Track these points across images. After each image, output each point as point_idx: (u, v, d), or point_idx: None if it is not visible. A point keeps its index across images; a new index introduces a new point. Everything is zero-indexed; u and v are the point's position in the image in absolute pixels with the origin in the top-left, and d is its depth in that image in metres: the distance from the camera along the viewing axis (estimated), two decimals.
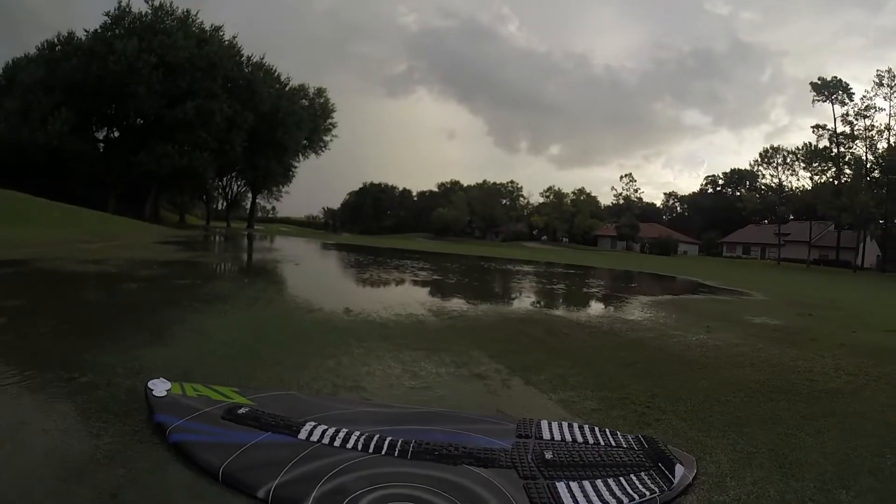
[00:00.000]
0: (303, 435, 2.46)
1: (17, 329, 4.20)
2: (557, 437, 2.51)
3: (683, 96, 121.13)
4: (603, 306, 8.62)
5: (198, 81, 29.14)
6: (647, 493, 2.04)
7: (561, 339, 5.13)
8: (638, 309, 7.97)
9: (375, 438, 2.42)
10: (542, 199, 62.90)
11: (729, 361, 4.48)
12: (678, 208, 75.86)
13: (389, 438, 2.41)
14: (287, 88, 37.98)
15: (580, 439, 2.49)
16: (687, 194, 74.16)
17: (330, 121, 43.55)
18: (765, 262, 42.32)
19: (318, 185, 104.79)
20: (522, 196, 66.01)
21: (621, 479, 2.13)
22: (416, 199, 71.37)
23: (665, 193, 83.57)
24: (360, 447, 2.34)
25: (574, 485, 2.07)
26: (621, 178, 62.91)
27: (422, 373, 3.73)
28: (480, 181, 65.29)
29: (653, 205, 71.09)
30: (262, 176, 39.14)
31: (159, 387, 2.96)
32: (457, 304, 7.31)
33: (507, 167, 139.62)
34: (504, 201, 65.25)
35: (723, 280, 16.55)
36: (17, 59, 29.99)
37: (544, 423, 2.66)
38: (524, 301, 8.78)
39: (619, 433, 2.60)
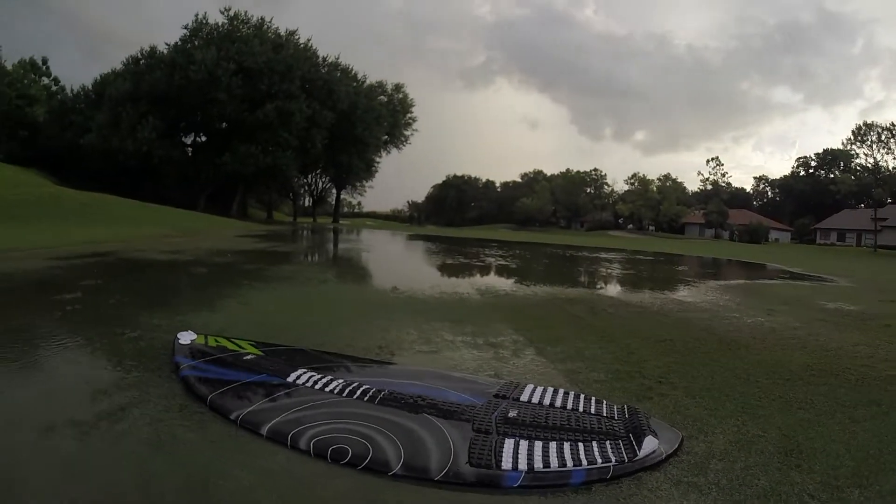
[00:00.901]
0: (291, 378, 2.76)
1: (87, 301, 5.00)
2: (535, 400, 2.53)
3: (771, 73, 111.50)
4: (666, 289, 8.28)
5: (276, 84, 31.23)
6: (602, 460, 1.99)
7: (599, 317, 5.07)
8: (703, 292, 7.58)
9: (353, 385, 2.64)
10: (626, 187, 60.95)
11: (777, 344, 4.19)
12: (769, 193, 70.28)
13: (366, 387, 2.62)
14: (364, 86, 39.49)
15: (558, 404, 2.50)
16: (778, 178, 68.39)
17: (409, 115, 44.76)
18: (860, 250, 38.34)
19: (402, 179, 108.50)
20: (607, 184, 64.46)
21: (580, 444, 2.09)
22: (499, 189, 72.14)
23: (755, 178, 77.44)
24: (335, 391, 2.59)
25: (524, 442, 2.08)
26: (708, 161, 58.98)
27: (436, 339, 3.92)
28: (564, 170, 65.16)
29: (742, 190, 66.92)
30: (344, 172, 41.13)
31: (186, 337, 3.45)
32: (509, 285, 7.40)
33: (591, 155, 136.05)
34: (588, 190, 64.23)
35: (809, 267, 15.01)
36: (105, 75, 33.74)
37: (529, 387, 2.71)
38: (582, 284, 8.67)
39: (604, 402, 2.56)
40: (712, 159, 60.96)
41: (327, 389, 2.62)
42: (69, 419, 2.27)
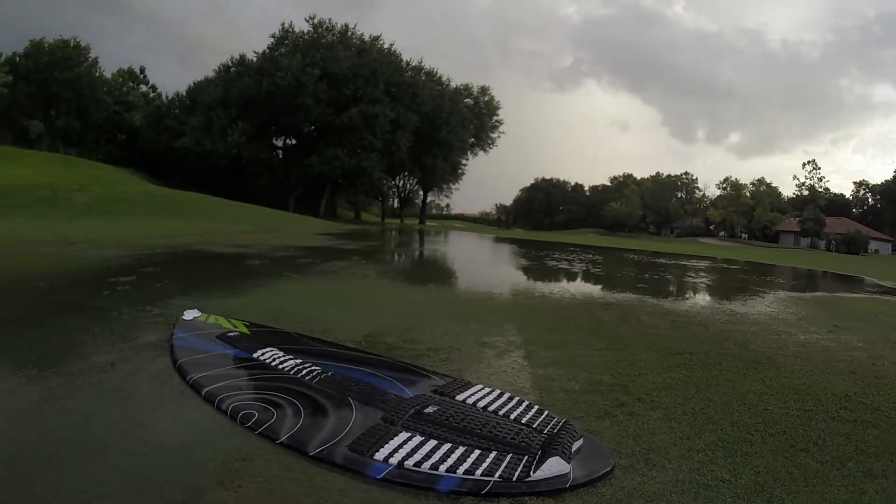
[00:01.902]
0: (256, 354, 3.03)
1: (138, 284, 5.78)
2: (470, 401, 2.49)
3: (872, 68, 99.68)
4: (725, 299, 7.70)
5: (361, 88, 33.30)
6: (486, 473, 1.87)
7: (625, 324, 4.87)
8: (766, 304, 6.94)
9: (305, 366, 2.86)
10: (718, 192, 58.17)
11: (821, 366, 3.76)
12: (869, 200, 62.56)
13: (315, 369, 2.83)
14: (448, 89, 40.71)
15: (491, 408, 2.43)
16: (879, 183, 60.52)
17: (496, 118, 45.58)
18: None
19: (490, 181, 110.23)
20: (698, 188, 62.67)
21: (476, 450, 2.01)
22: (588, 193, 71.96)
23: (855, 183, 69.10)
24: (285, 369, 2.82)
25: (418, 438, 2.07)
26: (804, 165, 53.96)
27: (425, 333, 4.02)
28: (654, 174, 64.19)
29: (841, 196, 60.24)
30: (429, 174, 42.53)
31: (189, 314, 3.91)
32: (549, 288, 7.31)
33: (683, 158, 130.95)
34: (679, 194, 62.58)
35: None
36: (198, 82, 37.26)
37: (474, 388, 2.68)
38: (636, 290, 8.28)
39: (544, 413, 2.42)
40: (809, 162, 56.44)
41: (281, 367, 2.84)
42: (68, 367, 2.83)
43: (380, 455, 1.93)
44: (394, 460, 1.90)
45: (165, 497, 1.67)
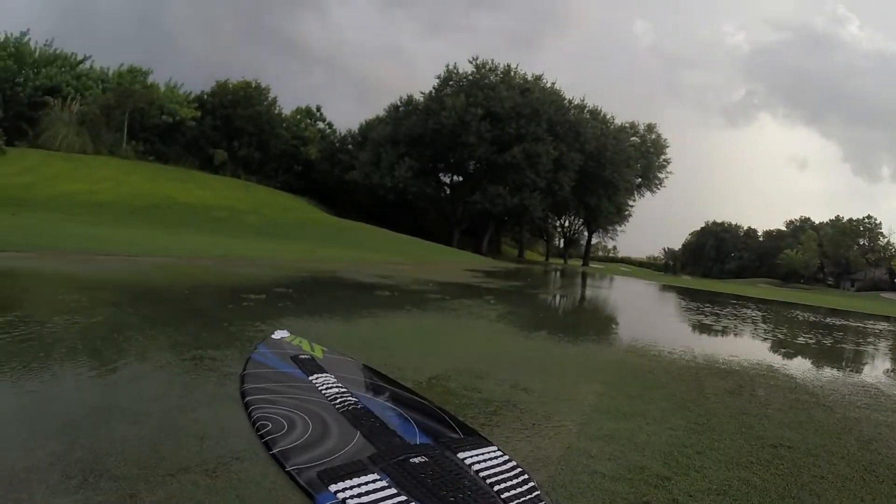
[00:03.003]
0: (311, 378, 3.45)
1: (263, 302, 6.84)
2: (469, 461, 2.45)
3: None
4: (877, 376, 6.46)
5: (523, 127, 34.77)
6: None
7: (727, 399, 4.33)
8: None
9: (343, 395, 3.17)
10: None
11: None
12: None
13: (350, 399, 3.10)
14: (612, 127, 40.60)
15: (484, 474, 2.36)
16: None
17: (664, 157, 44.49)
18: None
19: (658, 224, 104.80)
20: (882, 234, 55.89)
21: None
22: (761, 238, 69.90)
23: None
24: (325, 394, 3.17)
25: (383, 482, 2.17)
26: None
27: (492, 383, 4.08)
28: (833, 217, 59.90)
29: None
30: (594, 215, 42.45)
31: (279, 334, 4.56)
32: (674, 346, 6.75)
33: (866, 199, 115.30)
34: (861, 241, 55.24)
35: None
36: (369, 120, 43.27)
37: (486, 449, 2.61)
38: (768, 355, 7.35)
39: (533, 493, 2.27)
40: None
41: (323, 391, 3.21)
42: (158, 359, 3.61)
43: (335, 487, 2.07)
44: (343, 495, 2.02)
45: (159, 466, 2.16)
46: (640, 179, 44.56)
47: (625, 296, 17.79)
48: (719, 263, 65.99)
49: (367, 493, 2.07)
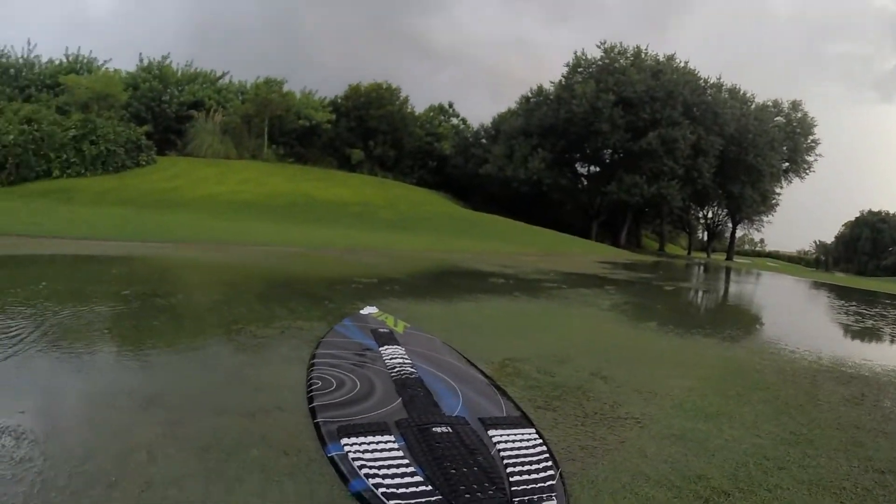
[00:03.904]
0: (382, 348, 3.61)
1: (371, 286, 7.30)
2: (497, 439, 2.39)
3: None
4: None
5: (658, 111, 32.60)
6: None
7: (841, 409, 3.55)
8: None
9: (405, 365, 3.27)
10: None
11: None
12: None
13: (408, 369, 3.19)
14: (752, 107, 36.85)
15: (505, 454, 2.29)
16: None
17: (812, 138, 39.41)
18: None
19: (808, 214, 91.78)
20: None
21: (426, 486, 1.98)
22: None
23: None
24: (387, 363, 3.30)
25: (396, 444, 2.22)
26: None
27: (571, 368, 3.90)
28: None
29: None
30: (737, 204, 39.04)
31: (368, 310, 4.85)
32: (801, 345, 5.91)
33: None
34: None
35: None
36: (501, 114, 43.01)
37: (524, 430, 2.53)
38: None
39: (548, 481, 2.12)
40: None
41: (386, 361, 3.33)
42: (253, 329, 4.05)
43: (347, 441, 2.16)
44: (350, 449, 2.10)
45: (210, 405, 2.51)
46: (786, 164, 39.44)
47: (759, 291, 15.74)
48: (875, 259, 55.96)
49: (374, 450, 2.14)
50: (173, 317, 4.44)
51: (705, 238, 49.66)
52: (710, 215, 45.23)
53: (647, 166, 33.02)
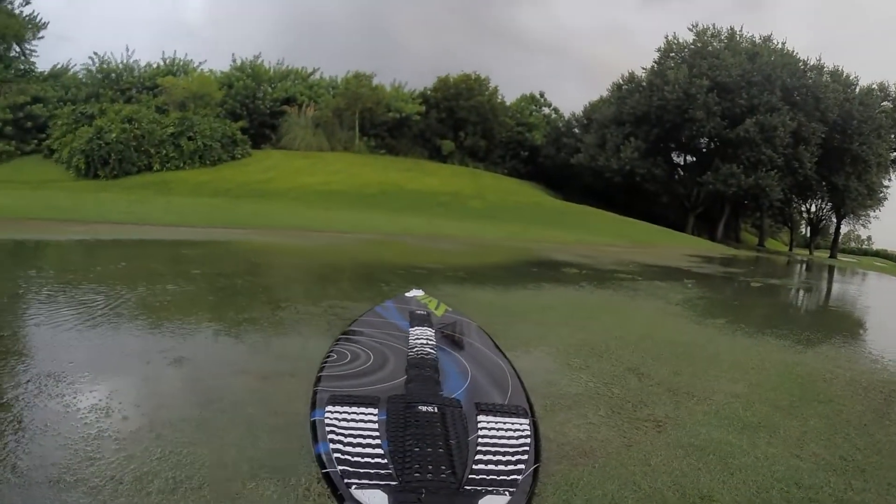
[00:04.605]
0: (411, 329, 3.65)
1: (434, 271, 7.48)
2: (483, 424, 2.31)
3: None
4: None
5: (755, 96, 30.00)
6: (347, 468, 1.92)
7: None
8: None
9: (427, 346, 3.22)
10: None
11: None
12: None
13: (430, 350, 3.15)
14: (857, 91, 32.79)
15: (484, 440, 2.20)
16: None
17: None
18: None
19: None
20: None
21: (384, 459, 2.02)
22: None
23: None
24: (411, 343, 3.29)
25: (376, 417, 2.24)
26: None
27: (607, 365, 3.78)
28: None
29: None
30: (840, 197, 35.42)
31: (413, 292, 4.89)
32: (883, 353, 5.38)
33: None
34: None
35: None
36: (593, 102, 41.43)
37: (516, 419, 2.39)
38: None
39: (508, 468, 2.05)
40: None
41: (410, 341, 3.37)
42: (300, 306, 4.31)
43: (332, 409, 2.22)
44: (330, 417, 2.16)
45: (231, 365, 2.78)
46: (894, 153, 35.23)
47: (859, 293, 13.75)
48: None
49: (351, 419, 2.18)
50: (230, 293, 4.82)
51: (808, 234, 45.63)
52: (812, 209, 41.32)
53: (744, 155, 30.80)
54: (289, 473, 1.95)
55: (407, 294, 4.78)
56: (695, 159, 36.59)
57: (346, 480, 1.84)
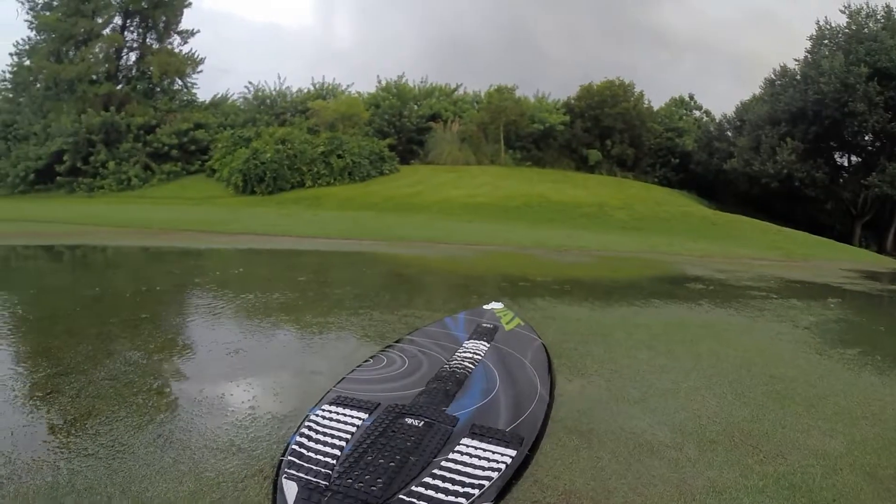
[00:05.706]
0: (466, 342, 3.68)
1: (539, 286, 7.26)
2: (464, 449, 2.23)
3: None
4: None
5: None
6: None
7: None
8: None
9: (468, 360, 3.29)
10: None
11: None
12: None
13: (469, 364, 3.21)
14: None
15: (457, 468, 2.10)
16: None
17: None
18: None
19: None
20: None
21: (346, 464, 2.06)
22: None
23: None
24: (457, 355, 3.37)
25: (364, 421, 2.35)
26: None
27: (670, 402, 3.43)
28: None
29: None
30: None
31: (492, 305, 4.92)
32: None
33: None
34: None
35: None
36: (745, 101, 36.02)
37: (502, 449, 2.25)
38: None
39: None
40: None
41: (458, 353, 3.37)
42: (374, 313, 4.63)
43: (328, 408, 2.39)
44: (322, 414, 2.34)
45: (270, 362, 3.12)
46: None
47: None
48: None
49: (334, 420, 2.31)
50: (317, 298, 5.22)
51: None
52: None
53: None
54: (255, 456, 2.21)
55: (485, 306, 4.78)
56: (860, 159, 30.90)
57: (285, 470, 1.96)
